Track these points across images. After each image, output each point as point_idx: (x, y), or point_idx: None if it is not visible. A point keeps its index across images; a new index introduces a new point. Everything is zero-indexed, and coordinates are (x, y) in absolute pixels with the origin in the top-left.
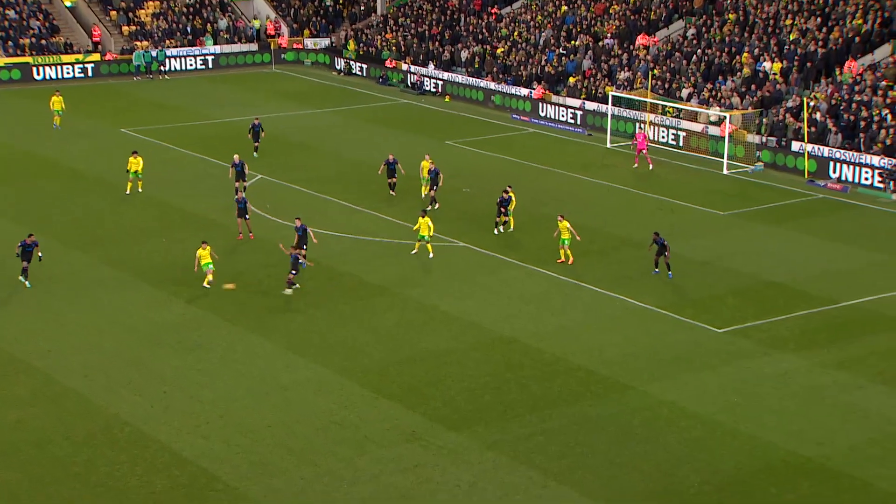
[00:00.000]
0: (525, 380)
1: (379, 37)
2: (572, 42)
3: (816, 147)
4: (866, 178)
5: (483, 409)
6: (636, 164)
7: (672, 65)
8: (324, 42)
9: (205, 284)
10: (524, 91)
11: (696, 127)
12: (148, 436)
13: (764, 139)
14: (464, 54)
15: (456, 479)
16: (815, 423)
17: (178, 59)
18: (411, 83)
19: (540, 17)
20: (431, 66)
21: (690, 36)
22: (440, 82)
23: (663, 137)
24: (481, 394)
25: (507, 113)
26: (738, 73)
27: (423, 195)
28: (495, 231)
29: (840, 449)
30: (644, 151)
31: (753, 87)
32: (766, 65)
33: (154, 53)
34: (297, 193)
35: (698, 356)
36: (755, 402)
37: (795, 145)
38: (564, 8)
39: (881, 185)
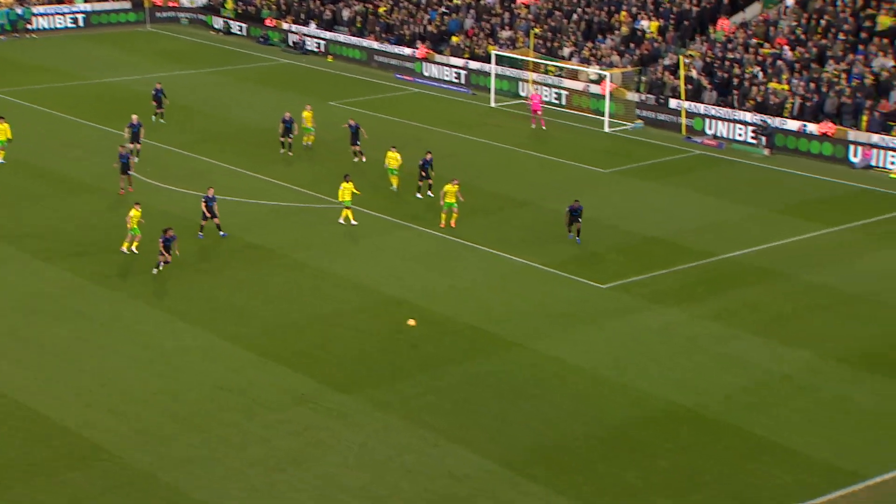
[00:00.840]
0: (415, 340)
1: None
2: (454, 1)
3: (693, 104)
4: (740, 135)
5: (373, 371)
6: (533, 125)
7: (553, 23)
8: (200, 0)
9: (124, 249)
10: (407, 51)
11: (578, 85)
12: (27, 406)
13: (643, 97)
14: (346, 13)
15: (347, 441)
16: (694, 374)
17: (45, 18)
18: (293, 43)
19: None
20: (313, 25)
21: None
22: (322, 42)
23: (546, 96)
24: (371, 355)
25: (391, 73)
26: (617, 32)
27: (304, 144)
28: (418, 195)
29: (717, 398)
30: (539, 112)
31: (632, 45)
32: (644, 23)
33: (20, 11)
34: (179, 157)
35: (584, 312)
36: (639, 356)
37: (673, 103)
38: None
39: (754, 141)
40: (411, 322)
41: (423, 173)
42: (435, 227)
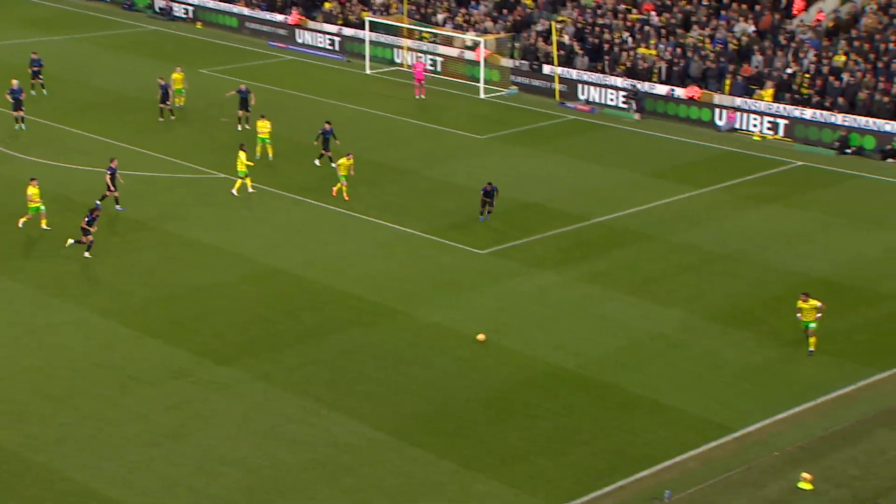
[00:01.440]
0: (295, 310)
1: None
2: None
3: (565, 70)
4: (611, 100)
5: (253, 342)
6: (417, 95)
7: None
8: None
9: (21, 224)
10: (279, 17)
11: (453, 52)
12: None
13: (517, 63)
14: None
15: (227, 413)
16: (571, 335)
17: None
18: (160, 9)
19: None
20: None
21: None
22: (191, 8)
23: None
24: (250, 326)
25: (264, 40)
26: None
27: (177, 105)
28: (317, 162)
29: (593, 358)
30: (422, 81)
31: (505, 11)
32: None
33: None
34: (45, 128)
35: (464, 278)
36: (518, 319)
37: (546, 68)
38: None
39: (625, 106)
40: (481, 337)
41: (323, 145)
42: (315, 197)
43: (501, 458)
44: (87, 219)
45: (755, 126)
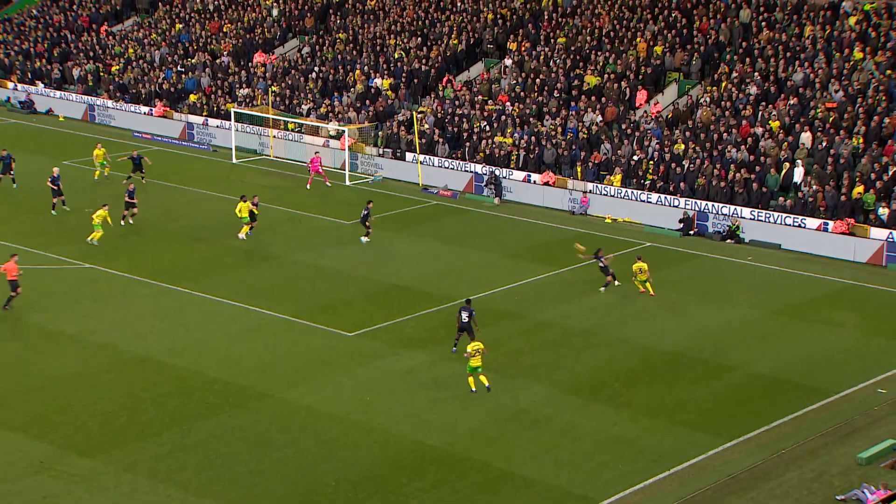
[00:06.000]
0: (161, 397)
1: None
2: (190, 60)
3: (427, 157)
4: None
5: (118, 432)
6: (308, 186)
7: (290, 81)
8: None
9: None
10: (144, 108)
11: (318, 141)
12: None
13: (381, 151)
14: (76, 72)
15: None
16: (439, 413)
17: None
18: (20, 102)
19: (155, 35)
20: (41, 84)
21: (305, 54)
22: (53, 101)
23: (287, 153)
24: (116, 416)
25: (129, 131)
26: (353, 89)
27: (97, 177)
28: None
29: (461, 434)
30: (321, 171)
31: (367, 102)
32: (378, 81)
33: None
34: None
35: (332, 360)
36: (386, 399)
37: (409, 156)
38: (179, 26)
39: (485, 191)
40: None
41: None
42: (179, 284)
43: None
44: None
45: (606, 209)
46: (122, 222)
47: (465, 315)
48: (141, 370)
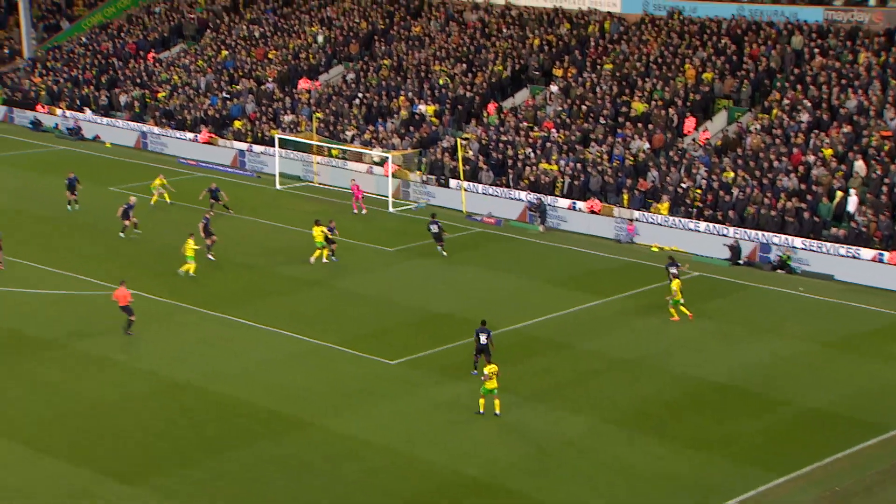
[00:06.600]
0: (203, 424)
1: (28, 81)
2: (235, 86)
3: (471, 184)
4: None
5: (159, 459)
6: (355, 210)
7: (334, 108)
8: None
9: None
10: (189, 135)
11: (362, 168)
12: None
13: (425, 178)
14: (123, 98)
15: None
16: (480, 444)
17: None
18: (68, 128)
19: (201, 62)
20: (88, 111)
21: (350, 80)
22: (99, 127)
23: (332, 179)
24: (157, 442)
25: (174, 157)
26: (397, 116)
27: (151, 203)
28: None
29: (501, 465)
30: (360, 199)
31: (411, 128)
32: (422, 107)
33: None
34: None
35: (375, 388)
36: (429, 428)
37: (453, 183)
38: (225, 52)
39: (530, 218)
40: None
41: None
42: (223, 311)
43: None
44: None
45: (653, 238)
46: (210, 255)
47: (483, 337)
48: (182, 397)
